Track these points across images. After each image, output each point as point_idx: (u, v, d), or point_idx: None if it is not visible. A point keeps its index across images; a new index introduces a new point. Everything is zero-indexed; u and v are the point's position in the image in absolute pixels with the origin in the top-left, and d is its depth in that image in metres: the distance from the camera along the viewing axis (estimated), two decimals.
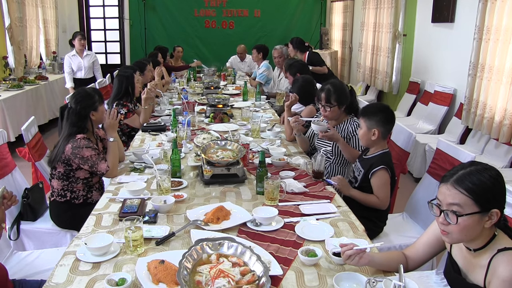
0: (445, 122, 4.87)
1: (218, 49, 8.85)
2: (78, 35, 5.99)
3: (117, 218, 1.95)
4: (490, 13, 3.79)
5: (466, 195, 1.28)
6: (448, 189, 1.31)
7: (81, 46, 6.00)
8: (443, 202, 1.33)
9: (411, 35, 5.93)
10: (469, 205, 1.27)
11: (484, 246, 1.33)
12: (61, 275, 1.51)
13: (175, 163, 2.40)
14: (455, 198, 1.29)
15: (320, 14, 9.29)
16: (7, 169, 2.55)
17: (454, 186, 1.30)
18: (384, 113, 2.31)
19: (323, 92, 2.76)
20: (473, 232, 1.30)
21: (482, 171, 1.30)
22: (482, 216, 1.28)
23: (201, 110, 4.11)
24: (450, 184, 1.31)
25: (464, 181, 1.29)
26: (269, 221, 1.88)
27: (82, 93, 2.48)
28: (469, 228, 1.29)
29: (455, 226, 1.29)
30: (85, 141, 2.38)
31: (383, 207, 2.29)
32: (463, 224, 1.28)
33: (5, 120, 4.97)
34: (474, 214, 1.27)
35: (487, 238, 1.33)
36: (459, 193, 1.28)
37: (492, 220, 1.29)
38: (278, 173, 2.47)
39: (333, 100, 2.72)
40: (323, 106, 2.77)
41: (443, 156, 2.55)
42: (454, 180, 1.30)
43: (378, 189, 2.28)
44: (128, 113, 3.51)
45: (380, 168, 2.25)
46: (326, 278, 1.51)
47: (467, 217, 1.28)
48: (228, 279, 1.34)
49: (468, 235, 1.31)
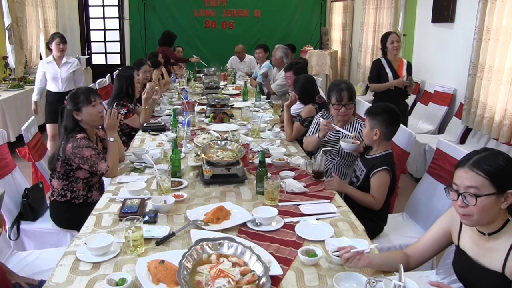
0: (445, 122, 4.87)
1: (218, 49, 8.85)
2: (56, 37, 4.68)
3: (117, 218, 1.95)
4: (490, 13, 3.79)
5: (484, 177, 1.33)
6: (466, 172, 1.36)
7: (60, 52, 4.68)
8: (461, 185, 1.37)
9: (411, 35, 5.93)
10: (486, 186, 1.33)
11: (499, 230, 1.38)
12: (61, 275, 1.51)
13: (175, 163, 2.40)
14: (473, 181, 1.34)
15: (320, 14, 9.29)
16: (7, 169, 2.55)
17: (471, 169, 1.35)
18: (388, 114, 2.30)
19: (343, 91, 2.67)
20: (491, 212, 1.35)
21: (496, 155, 1.36)
22: (499, 197, 1.34)
23: (201, 110, 4.11)
24: (467, 167, 1.36)
25: (481, 164, 1.35)
26: (269, 221, 1.88)
27: (72, 93, 2.48)
28: (487, 209, 1.34)
29: (474, 207, 1.34)
30: (85, 140, 2.38)
31: (376, 208, 2.28)
32: (482, 204, 1.33)
33: (5, 120, 4.97)
34: (492, 195, 1.33)
35: (502, 222, 1.38)
36: (477, 175, 1.34)
37: (508, 201, 1.34)
38: (278, 173, 2.47)
39: (354, 97, 2.73)
40: (344, 106, 2.68)
41: (443, 156, 2.54)
42: (471, 164, 1.36)
43: (376, 189, 2.27)
44: (128, 113, 3.51)
45: (382, 169, 2.25)
46: (326, 278, 1.51)
47: (485, 197, 1.33)
48: (228, 279, 1.34)
49: (486, 215, 1.36)
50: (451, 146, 2.54)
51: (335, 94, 2.69)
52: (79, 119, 2.43)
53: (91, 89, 2.53)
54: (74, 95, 2.45)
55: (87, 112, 2.42)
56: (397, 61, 4.22)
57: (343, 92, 2.67)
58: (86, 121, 2.44)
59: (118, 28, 9.11)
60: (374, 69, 4.27)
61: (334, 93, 2.70)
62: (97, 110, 2.46)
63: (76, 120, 2.43)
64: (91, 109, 2.43)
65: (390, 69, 4.16)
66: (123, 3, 8.90)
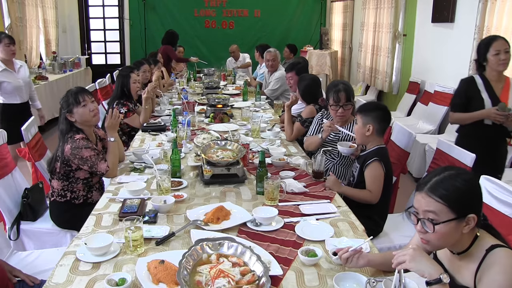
0: (445, 122, 4.86)
1: (218, 49, 8.84)
2: (4, 38, 3.83)
3: (117, 218, 1.95)
4: (490, 13, 3.80)
5: (441, 203, 1.26)
6: (423, 197, 1.30)
7: (11, 55, 3.88)
8: (419, 210, 1.31)
9: (411, 35, 5.93)
10: (445, 212, 1.26)
11: (467, 248, 1.33)
12: (61, 275, 1.51)
13: (175, 163, 2.40)
14: (430, 206, 1.27)
15: (320, 14, 9.29)
16: (7, 169, 2.55)
17: (428, 194, 1.28)
18: (381, 111, 2.33)
19: (341, 92, 2.69)
20: (451, 238, 1.29)
21: (455, 177, 1.28)
22: (459, 222, 1.26)
23: (201, 110, 4.11)
24: (424, 192, 1.29)
25: (437, 188, 1.27)
26: (269, 221, 1.88)
27: (63, 96, 2.47)
28: (447, 235, 1.28)
29: (433, 234, 1.28)
30: (84, 141, 2.38)
31: (374, 201, 2.27)
32: (440, 231, 1.27)
33: None
34: (451, 221, 1.26)
35: (469, 241, 1.32)
36: (434, 201, 1.27)
37: (470, 225, 1.27)
38: (278, 173, 2.47)
39: (352, 98, 2.74)
40: (342, 107, 2.71)
41: (443, 156, 2.55)
42: (428, 188, 1.29)
43: (371, 182, 2.27)
44: (128, 112, 3.52)
45: (373, 160, 2.25)
46: (326, 278, 1.51)
47: (444, 224, 1.26)
48: (228, 279, 1.34)
49: (447, 241, 1.31)
50: (451, 146, 2.55)
51: (333, 95, 2.71)
52: (73, 121, 2.42)
53: (80, 89, 2.49)
54: (64, 97, 2.46)
55: (78, 112, 2.40)
56: (500, 81, 2.80)
57: (340, 93, 2.69)
58: (80, 122, 2.43)
59: (118, 28, 9.11)
60: (463, 92, 2.87)
61: (332, 94, 2.72)
62: (88, 109, 2.42)
63: (70, 122, 2.43)
64: (82, 109, 2.41)
65: (488, 92, 2.77)
66: (123, 3, 8.90)
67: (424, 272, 1.24)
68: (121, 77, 3.60)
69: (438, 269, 1.23)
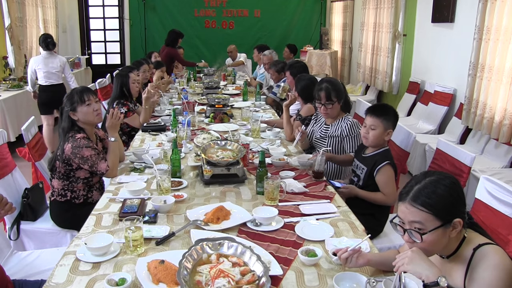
0: (445, 122, 4.87)
1: (218, 49, 8.83)
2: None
3: (117, 218, 1.95)
4: (490, 13, 3.79)
5: (426, 211, 1.25)
6: (407, 208, 1.29)
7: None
8: (405, 220, 1.30)
9: (411, 35, 5.93)
10: (431, 221, 1.25)
11: (455, 251, 1.33)
12: (61, 275, 1.52)
13: (175, 163, 2.40)
14: (416, 216, 1.26)
15: (320, 14, 9.30)
16: (7, 169, 2.55)
17: (411, 204, 1.27)
18: (395, 114, 2.38)
19: (322, 91, 2.79)
20: (440, 244, 1.29)
21: (436, 183, 1.27)
22: (446, 228, 1.26)
23: (201, 110, 4.11)
24: (407, 202, 1.28)
25: (420, 197, 1.26)
26: (269, 221, 1.88)
27: (67, 93, 2.49)
28: (435, 242, 1.27)
29: (421, 243, 1.27)
30: (84, 140, 2.38)
31: (391, 203, 2.33)
32: (428, 240, 1.26)
33: (5, 120, 4.97)
34: (437, 228, 1.25)
35: (457, 243, 1.32)
36: (418, 210, 1.26)
37: (456, 229, 1.27)
38: (278, 173, 2.47)
39: (333, 97, 2.78)
40: (323, 105, 2.80)
41: (443, 156, 2.55)
42: (411, 198, 1.28)
43: (385, 185, 2.30)
44: (128, 112, 3.51)
45: (385, 164, 2.28)
46: (326, 278, 1.51)
47: (431, 233, 1.25)
48: (228, 279, 1.34)
49: (436, 248, 1.31)
50: (451, 146, 2.54)
51: (316, 92, 2.85)
52: (75, 119, 2.43)
53: (85, 89, 2.51)
54: (69, 95, 2.46)
55: (82, 111, 2.41)
56: None
57: (321, 92, 2.80)
58: (82, 121, 2.44)
59: (118, 28, 9.11)
60: None
61: (316, 92, 2.85)
62: (92, 108, 2.44)
63: (73, 120, 2.43)
64: (86, 108, 2.42)
65: None
66: (123, 3, 8.90)
67: (422, 275, 1.23)
68: (120, 77, 3.60)
69: (436, 272, 1.22)
